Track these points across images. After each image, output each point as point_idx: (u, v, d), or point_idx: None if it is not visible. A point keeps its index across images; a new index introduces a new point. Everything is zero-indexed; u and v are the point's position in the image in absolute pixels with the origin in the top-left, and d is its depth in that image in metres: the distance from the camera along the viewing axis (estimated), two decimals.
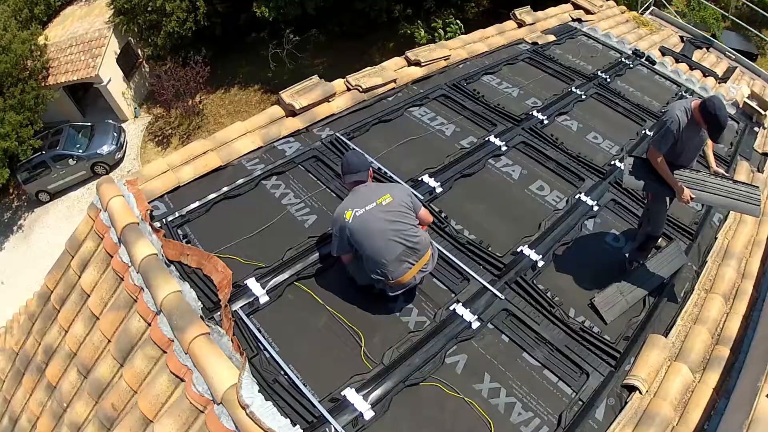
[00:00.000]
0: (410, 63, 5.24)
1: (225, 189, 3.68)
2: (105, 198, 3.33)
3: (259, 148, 4.06)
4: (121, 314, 3.10)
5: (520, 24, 6.19)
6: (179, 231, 3.38)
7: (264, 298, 3.02)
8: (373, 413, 2.59)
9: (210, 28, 14.79)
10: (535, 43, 5.93)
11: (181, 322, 2.71)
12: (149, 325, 2.95)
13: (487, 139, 4.43)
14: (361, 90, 4.67)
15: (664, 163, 3.21)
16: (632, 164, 3.42)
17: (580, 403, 2.83)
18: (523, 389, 2.84)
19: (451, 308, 3.13)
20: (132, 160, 14.11)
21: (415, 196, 3.23)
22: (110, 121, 14.84)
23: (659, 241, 3.68)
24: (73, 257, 3.49)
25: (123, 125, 15.04)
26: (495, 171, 4.20)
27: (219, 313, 2.88)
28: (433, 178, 3.94)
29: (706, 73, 6.32)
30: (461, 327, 3.04)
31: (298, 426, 2.43)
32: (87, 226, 3.48)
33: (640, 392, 2.91)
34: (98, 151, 13.73)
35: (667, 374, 3.05)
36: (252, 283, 3.06)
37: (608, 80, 5.53)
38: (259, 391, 2.47)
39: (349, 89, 4.74)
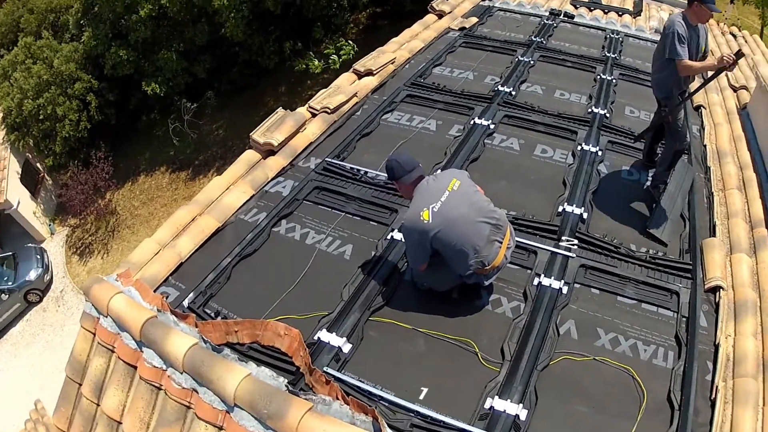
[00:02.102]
0: (361, 75, 5.06)
1: (237, 249, 3.18)
2: (102, 301, 2.69)
3: (251, 198, 3.60)
4: (175, 429, 2.47)
5: (440, 15, 6.30)
6: (206, 310, 2.82)
7: (347, 346, 2.58)
8: (527, 410, 2.34)
9: (104, 121, 13.85)
10: (462, 28, 6.04)
11: (273, 407, 2.18)
12: (220, 428, 2.37)
13: (472, 122, 4.34)
14: (329, 111, 4.38)
15: (690, 62, 3.28)
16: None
17: (684, 319, 2.87)
18: (635, 328, 2.82)
19: (536, 283, 2.96)
20: (61, 278, 12.53)
21: None
22: (30, 244, 13.27)
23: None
24: (81, 384, 2.78)
25: (42, 245, 13.52)
26: (496, 149, 4.10)
27: (304, 381, 2.39)
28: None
29: (620, 12, 6.85)
30: (555, 296, 2.89)
31: None
32: (86, 342, 2.79)
33: (723, 289, 3.05)
34: (27, 279, 12.19)
35: (732, 266, 3.24)
36: (325, 336, 2.61)
37: (544, 43, 5.75)
38: None
39: (314, 115, 4.43)
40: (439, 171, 2.84)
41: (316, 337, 2.61)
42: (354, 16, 15.53)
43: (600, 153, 4.01)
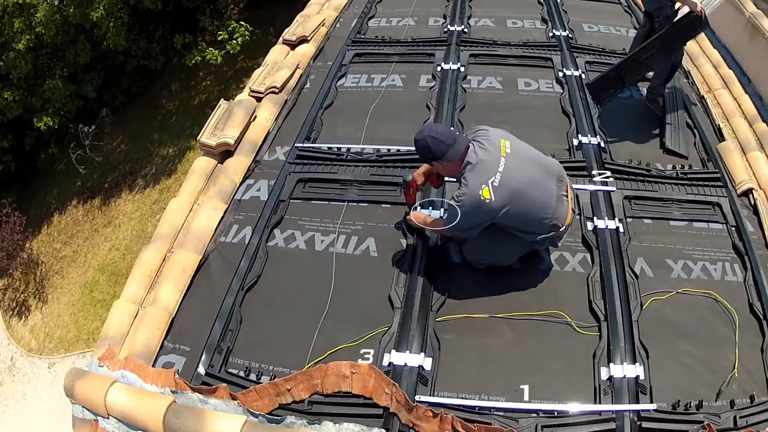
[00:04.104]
0: (293, 44, 4.35)
1: (235, 282, 2.51)
2: (96, 400, 1.95)
3: (225, 213, 2.89)
4: None
5: None
6: (230, 371, 2.18)
7: (427, 363, 2.11)
8: (642, 367, 2.12)
9: (4, 170, 12.06)
10: None
11: None
12: None
13: (440, 68, 3.87)
14: (277, 90, 3.68)
15: None
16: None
17: (734, 228, 2.75)
18: (697, 249, 2.67)
19: (591, 228, 2.68)
20: (7, 346, 10.68)
21: None
22: None
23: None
24: None
25: None
26: (478, 92, 3.70)
27: (399, 422, 1.90)
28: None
29: None
30: (616, 237, 2.63)
31: None
32: None
33: (754, 189, 2.97)
34: None
35: (752, 166, 3.16)
36: (397, 357, 2.12)
37: None
38: None
39: (259, 99, 3.70)
40: (468, 132, 2.36)
41: (386, 363, 2.11)
42: None
43: (583, 76, 3.76)
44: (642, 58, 3.32)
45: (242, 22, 11.31)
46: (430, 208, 2.74)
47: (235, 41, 10.91)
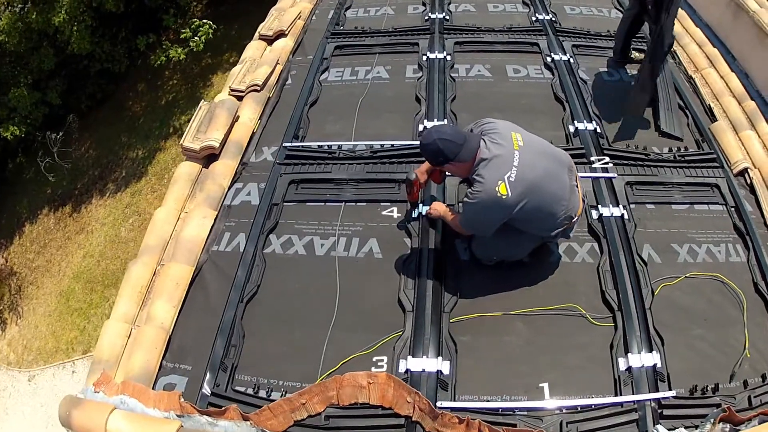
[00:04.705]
0: (271, 40, 4.17)
1: (233, 294, 2.38)
2: (96, 426, 1.80)
3: (216, 220, 2.74)
4: None
5: None
6: (237, 389, 2.06)
7: (445, 366, 2.04)
8: (659, 354, 2.11)
9: None
10: None
11: None
12: None
13: (425, 58, 3.76)
14: (259, 88, 3.51)
15: None
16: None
17: (734, 209, 2.76)
18: (701, 232, 2.66)
19: (596, 216, 2.64)
20: None
21: None
22: None
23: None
24: None
25: None
26: (467, 80, 3.61)
27: (416, 430, 1.83)
28: (435, 120, 3.19)
29: None
30: (622, 224, 2.60)
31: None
32: None
33: (749, 168, 2.98)
34: None
35: (745, 145, 3.16)
36: (414, 363, 2.04)
37: None
38: None
39: (240, 98, 3.53)
40: (473, 126, 2.27)
41: (402, 370, 2.03)
42: None
43: (572, 60, 3.71)
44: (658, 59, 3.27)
45: (205, 20, 11.07)
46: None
47: (198, 38, 10.70)
